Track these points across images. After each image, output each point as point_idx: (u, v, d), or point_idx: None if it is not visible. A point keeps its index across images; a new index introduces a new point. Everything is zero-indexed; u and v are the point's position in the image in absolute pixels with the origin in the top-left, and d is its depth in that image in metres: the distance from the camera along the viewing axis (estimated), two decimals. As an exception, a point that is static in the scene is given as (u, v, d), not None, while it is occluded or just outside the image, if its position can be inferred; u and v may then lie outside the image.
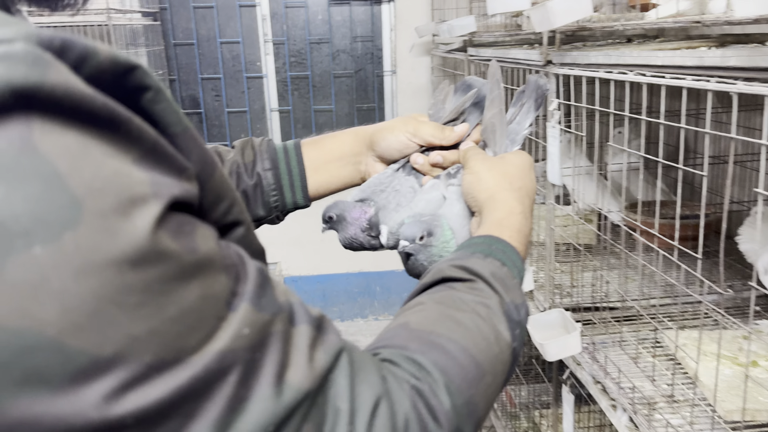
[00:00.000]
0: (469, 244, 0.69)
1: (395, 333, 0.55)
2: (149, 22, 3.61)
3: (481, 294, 0.60)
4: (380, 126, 0.95)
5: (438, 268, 0.65)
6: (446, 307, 0.58)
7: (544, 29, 1.44)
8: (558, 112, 1.59)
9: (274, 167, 0.92)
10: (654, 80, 1.13)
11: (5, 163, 0.30)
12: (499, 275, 0.63)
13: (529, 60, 1.82)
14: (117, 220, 0.33)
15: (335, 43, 3.97)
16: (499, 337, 0.57)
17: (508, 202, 0.74)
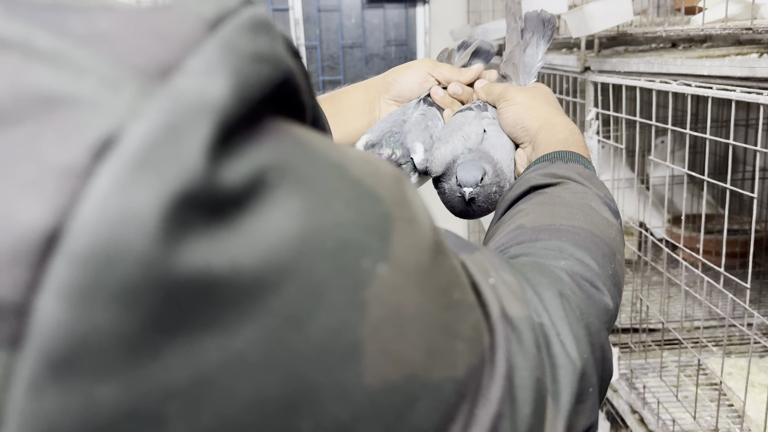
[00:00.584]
0: (543, 159, 0.68)
1: (515, 236, 0.53)
2: (182, 26, 3.61)
3: (577, 190, 0.59)
4: (395, 68, 0.93)
5: (524, 178, 0.64)
6: (551, 205, 0.56)
7: (581, 35, 1.35)
8: (596, 122, 1.49)
9: None
10: (700, 91, 1.03)
11: (311, 176, 0.26)
12: (586, 175, 0.62)
13: (566, 66, 1.72)
14: (414, 221, 0.29)
15: (368, 46, 3.91)
16: (609, 222, 0.56)
17: (567, 125, 0.74)
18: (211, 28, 0.25)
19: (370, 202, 0.27)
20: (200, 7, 0.26)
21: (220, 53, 0.24)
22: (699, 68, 1.04)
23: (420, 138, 0.82)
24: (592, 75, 1.51)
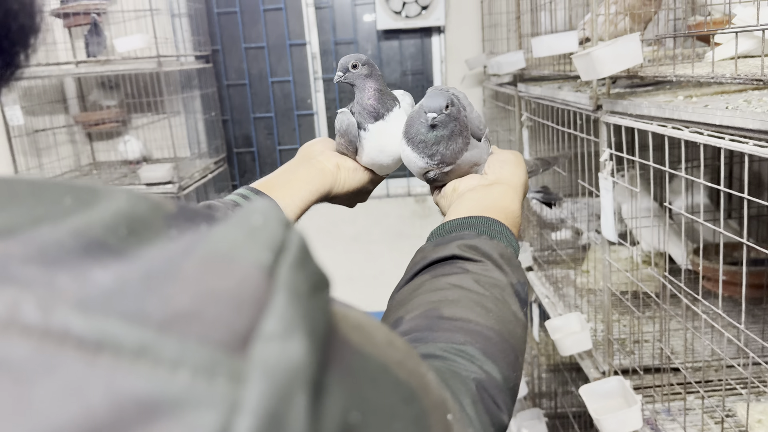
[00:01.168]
0: (472, 223, 0.73)
1: (432, 324, 0.57)
2: (202, 65, 3.66)
3: (494, 276, 0.64)
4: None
5: (448, 244, 0.68)
6: (469, 292, 0.61)
7: (590, 78, 1.33)
8: (610, 162, 1.47)
9: (237, 205, 0.84)
10: (712, 141, 1.00)
11: (373, 398, 0.29)
12: (506, 255, 0.67)
13: (578, 103, 1.71)
14: (436, 403, 0.35)
15: (385, 77, 3.93)
16: (517, 317, 0.62)
17: (514, 197, 0.81)
18: (271, 275, 0.24)
19: (412, 406, 0.32)
20: (255, 254, 0.25)
21: (290, 306, 0.24)
22: (711, 117, 1.02)
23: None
24: (605, 115, 1.49)
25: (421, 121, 0.83)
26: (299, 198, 0.89)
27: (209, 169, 3.64)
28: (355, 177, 0.97)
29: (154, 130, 3.79)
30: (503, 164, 0.87)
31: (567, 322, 1.91)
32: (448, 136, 0.83)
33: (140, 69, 3.08)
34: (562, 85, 2.26)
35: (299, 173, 0.92)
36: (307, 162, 0.95)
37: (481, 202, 0.79)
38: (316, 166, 0.94)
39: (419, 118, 0.84)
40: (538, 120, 2.31)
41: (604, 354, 1.75)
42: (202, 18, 3.71)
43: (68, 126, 3.66)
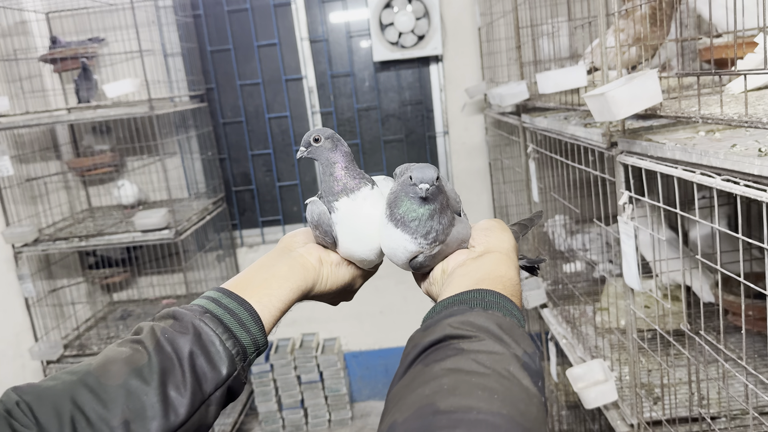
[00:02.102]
0: (463, 299, 0.67)
1: (427, 423, 0.49)
2: (196, 104, 3.59)
3: (494, 351, 0.57)
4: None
5: (438, 324, 0.62)
6: (467, 374, 0.54)
7: (603, 120, 1.23)
8: (630, 206, 1.36)
9: (206, 311, 0.75)
10: (750, 193, 0.90)
11: None
12: (505, 326, 0.61)
13: (590, 140, 1.60)
14: None
15: (384, 108, 3.85)
16: (530, 394, 0.53)
17: (510, 266, 0.76)
18: None
19: None
20: None
21: None
22: (748, 166, 0.91)
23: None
24: (621, 155, 1.39)
25: (411, 195, 0.78)
26: (277, 298, 0.80)
27: (207, 210, 3.55)
28: (339, 272, 0.88)
29: (149, 173, 3.70)
30: (488, 232, 0.83)
31: (589, 370, 1.79)
32: (439, 210, 0.79)
33: (132, 113, 3.00)
34: (568, 116, 2.16)
35: (278, 269, 0.83)
36: (287, 256, 0.86)
37: (473, 275, 0.74)
38: (297, 260, 0.86)
39: (408, 193, 0.78)
40: (546, 153, 2.21)
41: (632, 406, 1.62)
42: (195, 57, 3.64)
43: (62, 173, 3.58)
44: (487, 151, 3.68)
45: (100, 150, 3.51)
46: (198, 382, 0.69)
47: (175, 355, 0.69)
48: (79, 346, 3.29)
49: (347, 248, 0.86)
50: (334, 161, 0.84)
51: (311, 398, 3.80)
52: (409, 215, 0.78)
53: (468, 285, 0.71)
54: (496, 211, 3.63)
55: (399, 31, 3.51)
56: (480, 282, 0.71)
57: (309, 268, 0.85)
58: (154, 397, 0.65)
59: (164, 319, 0.74)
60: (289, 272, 0.83)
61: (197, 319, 0.73)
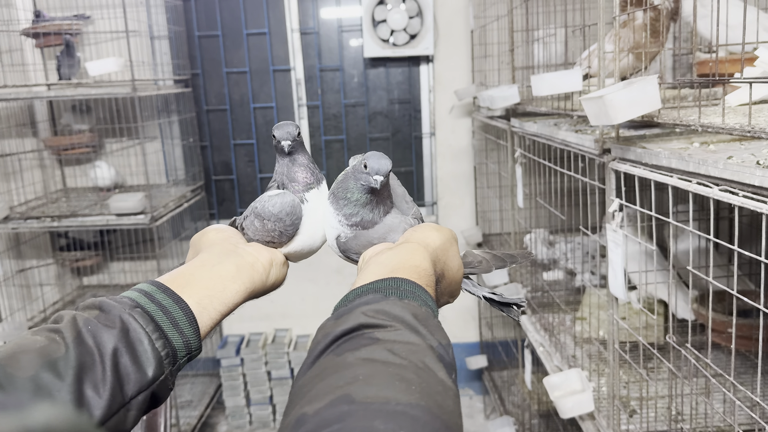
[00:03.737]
0: (377, 287, 0.65)
1: (342, 413, 0.46)
2: (181, 89, 3.52)
3: (410, 341, 0.55)
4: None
5: (351, 312, 0.59)
6: (384, 364, 0.52)
7: (600, 124, 1.20)
8: (620, 214, 1.34)
9: (137, 305, 0.68)
10: (750, 204, 0.87)
11: None
12: (420, 316, 0.59)
13: (581, 146, 1.58)
14: None
15: (371, 105, 3.81)
16: (445, 386, 0.52)
17: (427, 258, 0.74)
18: None
19: None
20: None
21: None
22: (749, 177, 0.89)
23: None
24: (613, 162, 1.36)
25: (362, 183, 0.79)
26: (220, 301, 0.74)
27: (185, 197, 3.48)
28: (282, 271, 0.85)
29: (127, 156, 3.62)
30: (416, 229, 0.81)
31: (566, 379, 1.77)
32: (377, 201, 0.80)
33: (114, 93, 2.93)
34: (558, 121, 2.14)
35: (224, 268, 0.77)
36: (234, 254, 0.80)
37: (388, 263, 0.71)
38: (246, 259, 0.80)
39: (359, 179, 0.79)
40: (533, 158, 2.19)
41: (609, 417, 1.60)
42: (182, 41, 3.57)
43: (37, 150, 3.48)
44: (472, 155, 3.66)
45: (78, 129, 3.43)
46: (119, 382, 0.62)
47: (96, 349, 0.62)
48: (45, 329, 3.20)
49: (304, 242, 0.85)
50: (304, 154, 0.85)
51: (281, 394, 3.74)
52: (343, 193, 0.79)
53: (383, 273, 0.68)
54: (479, 216, 3.61)
55: (391, 29, 3.47)
56: (395, 270, 0.69)
57: (258, 269, 0.80)
58: (66, 394, 0.58)
59: (89, 309, 0.66)
60: (237, 273, 0.78)
61: (126, 312, 0.65)
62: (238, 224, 0.89)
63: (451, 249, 0.80)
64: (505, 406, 3.20)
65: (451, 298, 0.82)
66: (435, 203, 3.86)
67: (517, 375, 3.12)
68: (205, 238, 0.84)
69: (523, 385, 2.89)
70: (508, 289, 2.54)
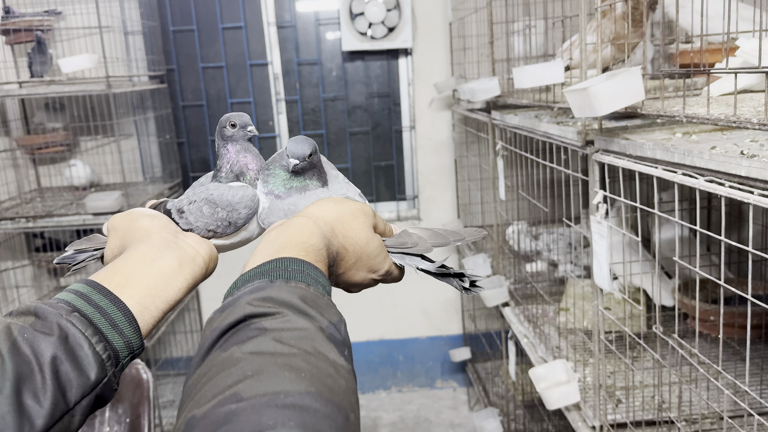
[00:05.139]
0: (264, 270, 0.63)
1: (230, 413, 0.45)
2: (156, 85, 3.46)
3: (298, 326, 0.55)
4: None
5: (236, 303, 0.57)
6: (272, 356, 0.51)
7: (584, 116, 1.20)
8: (604, 205, 1.34)
9: (74, 309, 0.65)
10: (736, 194, 0.87)
11: None
12: (308, 298, 0.59)
13: (564, 138, 1.58)
14: None
15: (351, 99, 3.79)
16: (337, 367, 0.52)
17: (315, 233, 0.72)
18: None
19: None
20: None
21: None
22: (735, 167, 0.89)
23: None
24: (597, 154, 1.36)
25: (282, 164, 0.83)
26: (162, 299, 0.71)
27: (163, 195, 3.43)
28: (215, 265, 0.83)
29: (103, 154, 3.56)
30: (315, 203, 0.80)
31: (552, 370, 1.77)
32: (304, 182, 0.83)
33: (88, 91, 2.87)
34: (539, 113, 2.14)
35: (165, 263, 0.73)
36: (175, 247, 0.76)
37: (275, 241, 0.69)
38: (188, 253, 0.77)
39: (281, 161, 0.84)
40: (515, 150, 2.19)
41: (595, 407, 1.61)
42: (156, 36, 3.51)
43: (10, 150, 3.41)
44: (453, 148, 3.66)
45: (52, 128, 3.36)
46: (61, 389, 0.60)
47: (34, 359, 0.60)
48: (22, 332, 3.14)
49: (243, 235, 0.85)
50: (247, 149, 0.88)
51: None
52: (268, 169, 0.84)
53: (269, 254, 0.66)
54: (460, 209, 3.61)
55: (369, 22, 3.45)
56: (281, 249, 0.67)
57: (200, 263, 0.77)
58: (5, 406, 0.56)
59: (23, 315, 0.63)
60: (179, 269, 0.74)
61: (64, 318, 0.62)
62: (172, 209, 0.85)
63: (353, 222, 0.77)
64: (489, 398, 3.22)
65: (372, 273, 0.79)
66: (416, 197, 3.85)
67: (501, 366, 3.13)
68: (138, 225, 0.79)
69: (507, 377, 2.90)
70: (492, 281, 2.55)
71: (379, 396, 3.98)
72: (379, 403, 3.88)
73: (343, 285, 0.82)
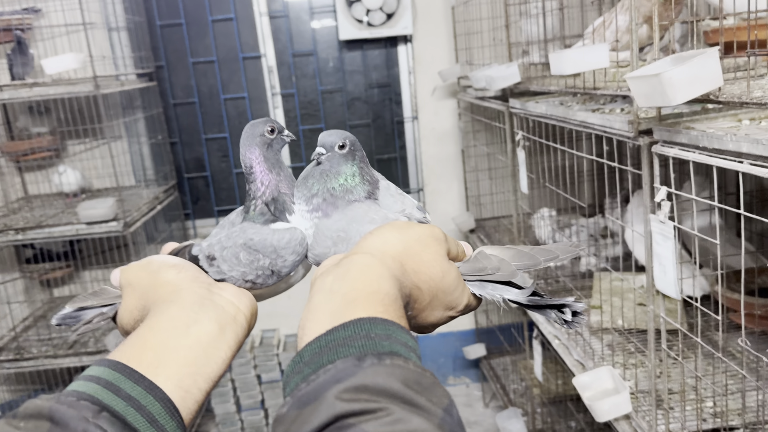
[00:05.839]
0: (338, 340, 0.48)
1: None
2: (145, 83, 3.28)
3: (412, 427, 0.41)
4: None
5: (320, 397, 0.43)
6: None
7: (653, 105, 1.06)
8: (668, 203, 1.20)
9: (101, 408, 0.49)
10: None
11: None
12: (412, 380, 0.45)
13: (609, 128, 1.44)
14: None
15: (349, 90, 3.63)
16: None
17: (385, 276, 0.57)
18: None
19: None
20: None
21: None
22: None
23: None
24: (657, 146, 1.23)
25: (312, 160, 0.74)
26: (205, 378, 0.56)
27: (158, 198, 3.26)
28: (256, 320, 0.68)
29: (92, 159, 3.38)
30: (372, 233, 0.63)
31: (597, 378, 1.65)
32: (329, 168, 0.71)
33: (74, 92, 2.70)
34: (564, 101, 2.00)
35: (203, 328, 0.58)
36: (211, 304, 0.61)
37: (336, 292, 0.54)
38: (228, 311, 0.62)
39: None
40: (539, 140, 2.05)
41: (651, 420, 1.49)
42: (143, 31, 3.33)
43: (-7, 157, 3.23)
44: (459, 138, 3.52)
45: (37, 133, 3.18)
46: None
47: None
48: (17, 349, 2.98)
49: (287, 282, 0.72)
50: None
51: (273, 398, 3.59)
52: (302, 180, 0.73)
53: (335, 311, 0.52)
54: (469, 201, 3.48)
55: (366, 8, 3.29)
56: (351, 304, 0.52)
57: (242, 323, 0.63)
58: None
59: (33, 420, 0.47)
60: (219, 334, 0.59)
61: (90, 423, 0.47)
62: (200, 255, 0.70)
63: (425, 252, 0.62)
64: (510, 396, 3.10)
65: (449, 310, 0.65)
66: (421, 189, 3.71)
67: (520, 362, 3.02)
68: (162, 279, 0.63)
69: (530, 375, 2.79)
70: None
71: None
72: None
73: (415, 328, 0.66)
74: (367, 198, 0.73)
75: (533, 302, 0.67)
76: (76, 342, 2.98)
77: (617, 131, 1.39)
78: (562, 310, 0.66)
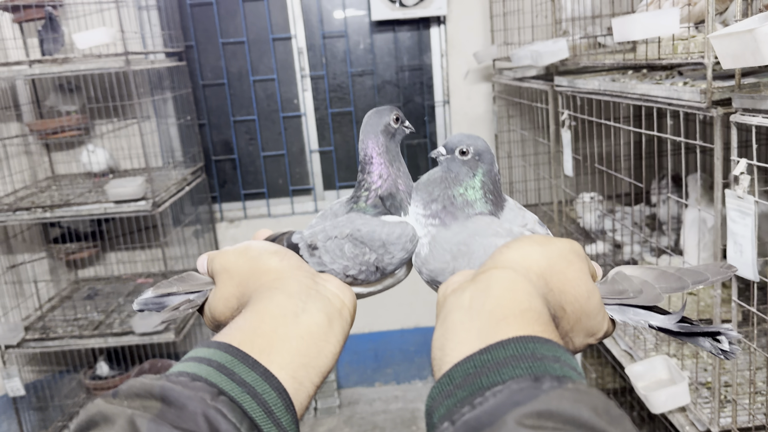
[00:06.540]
0: (496, 360, 0.42)
1: None
2: (174, 63, 3.23)
3: None
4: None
5: (497, 421, 0.37)
6: None
7: (744, 65, 0.98)
8: (747, 177, 1.12)
9: (219, 391, 0.44)
10: None
11: None
12: (600, 407, 0.38)
13: (678, 99, 1.35)
14: None
15: (380, 73, 3.56)
16: None
17: (532, 293, 0.51)
18: None
19: None
20: None
21: None
22: None
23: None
24: (736, 115, 1.14)
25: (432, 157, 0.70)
26: (317, 371, 0.51)
27: (186, 180, 3.22)
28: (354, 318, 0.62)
29: (120, 138, 3.35)
30: (510, 246, 0.56)
31: (651, 368, 1.57)
32: (451, 172, 0.66)
33: (105, 68, 2.65)
34: (616, 78, 1.91)
35: (311, 319, 0.53)
36: (318, 295, 0.55)
37: (480, 310, 0.47)
38: (334, 303, 0.56)
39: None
40: (591, 119, 1.96)
41: (713, 412, 1.40)
42: (173, 10, 3.27)
43: (22, 135, 3.20)
44: (492, 122, 3.43)
45: (66, 111, 3.14)
46: None
47: None
48: (42, 329, 2.95)
49: (390, 281, 0.66)
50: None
51: (297, 385, 3.54)
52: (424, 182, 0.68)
53: (483, 328, 0.46)
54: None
55: (401, -12, 3.21)
56: (501, 322, 0.46)
57: (346, 318, 0.58)
58: None
59: (142, 398, 0.42)
60: (328, 326, 0.54)
61: (210, 406, 0.42)
62: (301, 243, 0.65)
63: (569, 270, 0.55)
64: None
65: (590, 337, 0.57)
66: (451, 176, 3.63)
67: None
68: (264, 265, 0.58)
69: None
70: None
71: (415, 386, 3.79)
72: (417, 394, 3.70)
73: None
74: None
75: (683, 329, 0.59)
76: (101, 323, 2.95)
77: (686, 102, 1.31)
78: (718, 339, 0.58)
